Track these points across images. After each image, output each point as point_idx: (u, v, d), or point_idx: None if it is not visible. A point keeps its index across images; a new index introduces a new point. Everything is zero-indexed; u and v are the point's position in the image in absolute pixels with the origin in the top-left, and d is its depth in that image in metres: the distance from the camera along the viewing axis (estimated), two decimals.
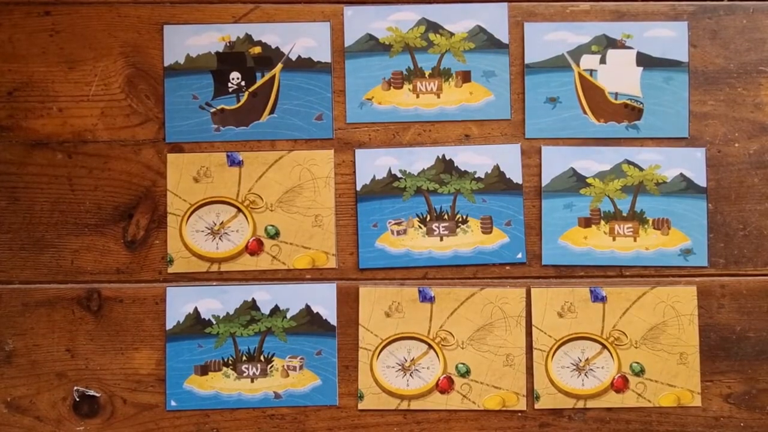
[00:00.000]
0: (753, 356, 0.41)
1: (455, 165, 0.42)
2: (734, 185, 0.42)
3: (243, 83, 0.41)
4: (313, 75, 0.41)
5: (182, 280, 0.41)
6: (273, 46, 0.41)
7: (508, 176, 0.42)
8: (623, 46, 0.42)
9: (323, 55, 0.41)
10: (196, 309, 0.41)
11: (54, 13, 0.41)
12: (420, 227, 0.42)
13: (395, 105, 0.41)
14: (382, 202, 0.42)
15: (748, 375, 0.42)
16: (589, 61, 0.42)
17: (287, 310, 0.41)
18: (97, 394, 0.41)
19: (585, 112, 0.42)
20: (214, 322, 0.41)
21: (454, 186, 0.42)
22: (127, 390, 0.41)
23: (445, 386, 0.41)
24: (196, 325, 0.41)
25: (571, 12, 0.42)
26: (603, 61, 0.42)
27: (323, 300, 0.41)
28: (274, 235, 0.41)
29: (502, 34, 0.41)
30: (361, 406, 0.41)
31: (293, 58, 0.41)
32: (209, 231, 0.41)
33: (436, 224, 0.42)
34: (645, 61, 0.42)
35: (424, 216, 0.42)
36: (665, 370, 0.41)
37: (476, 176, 0.42)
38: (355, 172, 0.41)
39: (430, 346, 0.42)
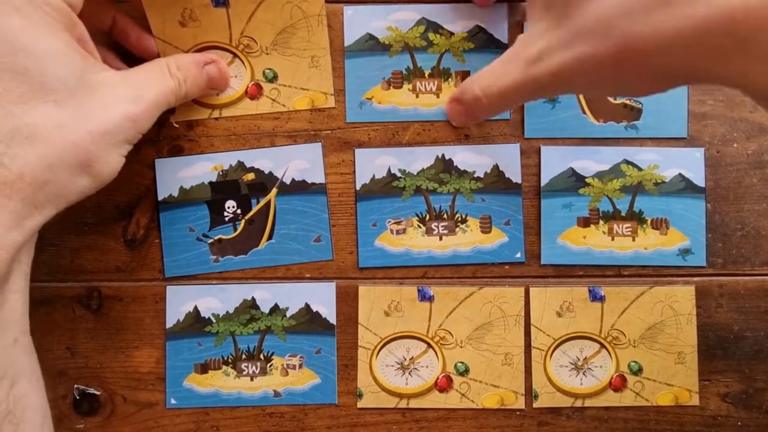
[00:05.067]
0: (750, 356, 0.42)
1: (454, 164, 0.42)
2: (732, 185, 0.42)
3: (239, 211, 0.41)
4: (308, 197, 0.41)
5: (182, 280, 0.41)
6: (266, 171, 0.41)
7: (507, 176, 0.42)
8: None
9: (317, 176, 0.41)
10: (195, 308, 0.41)
11: None
12: (419, 226, 0.42)
13: (395, 105, 0.41)
14: (382, 201, 0.42)
15: (745, 374, 0.42)
16: None
17: (287, 309, 0.41)
18: (97, 392, 0.41)
19: (584, 112, 0.42)
20: (214, 321, 0.41)
21: (454, 185, 0.42)
22: (127, 388, 0.41)
23: (444, 385, 0.41)
24: (195, 324, 0.41)
25: None
26: None
27: (322, 299, 0.41)
28: (273, 79, 0.41)
29: (502, 34, 0.41)
30: (360, 404, 0.41)
31: (287, 181, 0.41)
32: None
33: (436, 223, 0.42)
34: None
35: (424, 215, 0.42)
36: (663, 369, 0.41)
37: (475, 176, 0.42)
38: (354, 171, 0.41)
39: (429, 345, 0.42)
